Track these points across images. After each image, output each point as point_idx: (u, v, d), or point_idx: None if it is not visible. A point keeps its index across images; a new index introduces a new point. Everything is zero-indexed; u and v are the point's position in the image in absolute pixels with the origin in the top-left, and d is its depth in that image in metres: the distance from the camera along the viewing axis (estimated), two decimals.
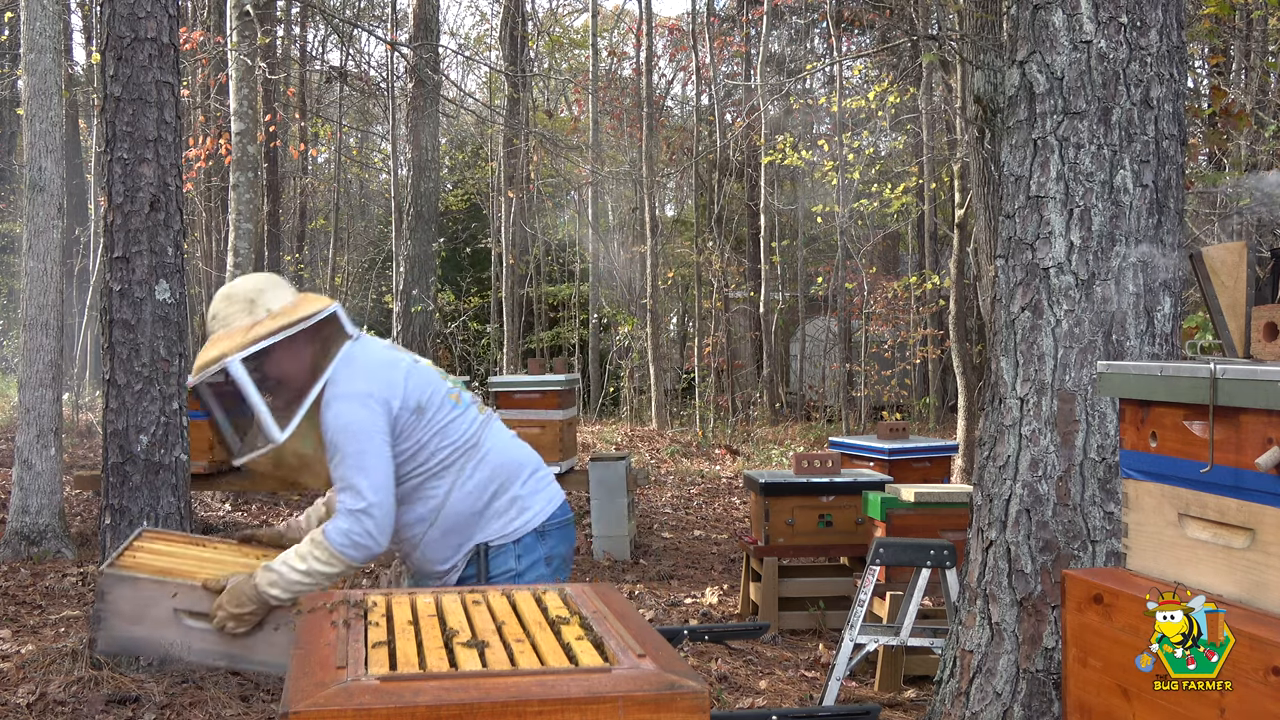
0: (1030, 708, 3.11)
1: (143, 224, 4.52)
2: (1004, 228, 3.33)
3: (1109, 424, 3.12)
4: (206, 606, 2.40)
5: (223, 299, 2.61)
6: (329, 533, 2.47)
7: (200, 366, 2.57)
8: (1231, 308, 1.89)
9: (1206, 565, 1.73)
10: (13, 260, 19.75)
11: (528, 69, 18.34)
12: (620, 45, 22.76)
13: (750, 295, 19.33)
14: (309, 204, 23.67)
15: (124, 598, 2.41)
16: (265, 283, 2.66)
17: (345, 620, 1.75)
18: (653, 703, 1.43)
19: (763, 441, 14.70)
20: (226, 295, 2.62)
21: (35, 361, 6.74)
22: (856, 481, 5.75)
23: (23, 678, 4.32)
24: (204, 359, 2.56)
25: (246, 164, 9.47)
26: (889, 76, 16.05)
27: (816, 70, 19.62)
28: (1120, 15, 3.14)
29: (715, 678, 4.69)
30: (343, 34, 20.62)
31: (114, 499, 4.49)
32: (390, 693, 1.42)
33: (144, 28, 4.50)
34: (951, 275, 10.97)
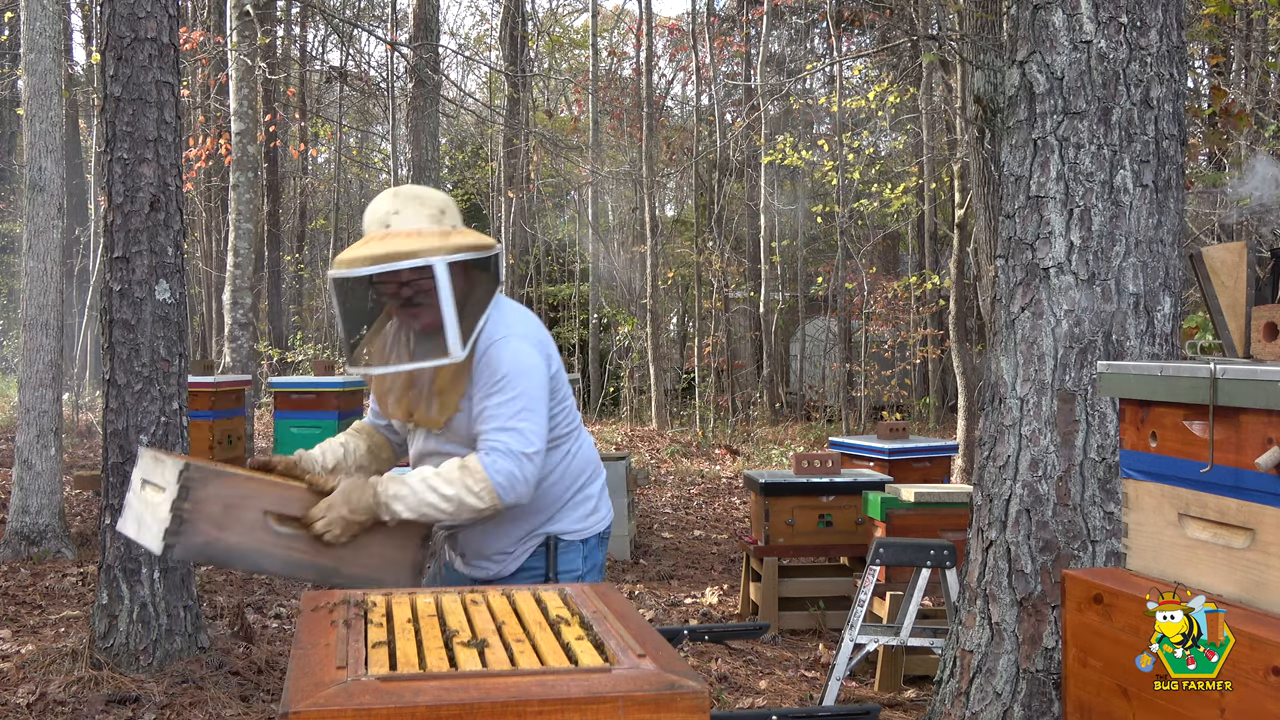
0: (1030, 708, 3.11)
1: (143, 224, 4.52)
2: (1004, 228, 3.33)
3: (1109, 424, 3.12)
4: (298, 511, 2.25)
5: (410, 199, 2.43)
6: (489, 468, 2.33)
7: (393, 255, 2.32)
8: (1231, 308, 1.89)
9: (1206, 565, 1.73)
10: (13, 260, 19.75)
11: (528, 69, 18.34)
12: (620, 45, 22.76)
13: (750, 295, 19.33)
14: (309, 204, 23.67)
15: (212, 497, 2.18)
16: (449, 199, 2.51)
17: (345, 620, 1.75)
18: (653, 703, 1.43)
19: (763, 441, 14.70)
20: (415, 196, 2.44)
21: (35, 361, 6.74)
22: (856, 481, 5.75)
23: (23, 678, 4.32)
24: (396, 249, 2.33)
25: (246, 164, 9.47)
26: (889, 76, 16.05)
27: (816, 70, 19.62)
28: (1120, 15, 3.14)
29: (715, 678, 4.69)
30: (343, 34, 20.62)
31: (114, 499, 4.48)
32: (390, 693, 1.42)
33: (144, 28, 4.50)
34: (951, 275, 10.97)
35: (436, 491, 2.32)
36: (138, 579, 4.44)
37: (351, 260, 2.35)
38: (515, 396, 2.38)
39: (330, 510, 2.26)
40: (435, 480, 2.34)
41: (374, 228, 2.42)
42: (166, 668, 4.38)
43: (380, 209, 2.43)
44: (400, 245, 2.34)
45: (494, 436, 2.38)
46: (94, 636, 4.44)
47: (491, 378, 2.39)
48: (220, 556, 2.23)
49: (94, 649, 4.40)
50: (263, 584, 6.20)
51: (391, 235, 2.37)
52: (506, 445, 2.36)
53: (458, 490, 2.32)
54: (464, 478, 2.33)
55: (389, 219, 2.40)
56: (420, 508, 2.31)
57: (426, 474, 2.35)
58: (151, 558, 4.45)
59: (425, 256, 2.32)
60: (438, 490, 2.32)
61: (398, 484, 2.33)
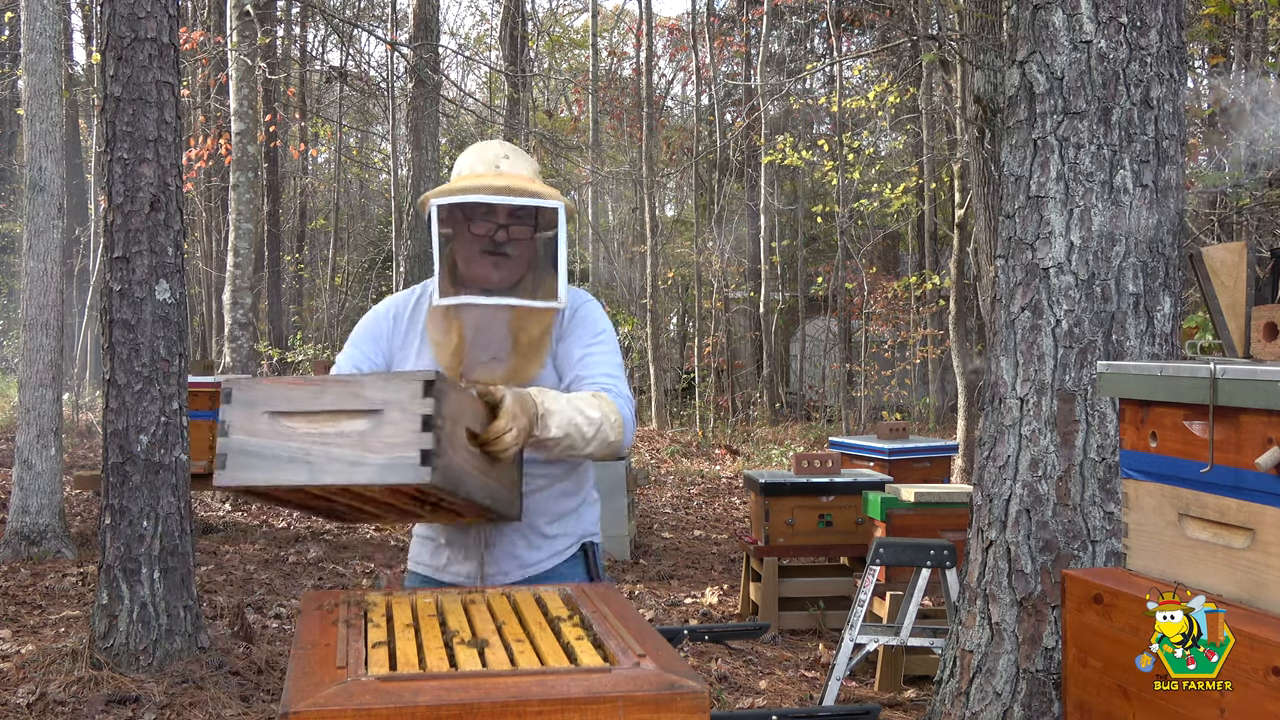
0: (1030, 708, 3.11)
1: (143, 224, 4.52)
2: (1004, 228, 3.33)
3: (1109, 424, 3.12)
4: (479, 425, 1.97)
5: (514, 150, 2.39)
6: (620, 406, 2.23)
7: (522, 190, 2.24)
8: (1231, 308, 1.89)
9: (1206, 565, 1.73)
10: (13, 260, 19.76)
11: (528, 69, 18.34)
12: (620, 45, 22.77)
13: (750, 295, 19.33)
14: (309, 204, 23.67)
15: (448, 414, 1.84)
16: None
17: (345, 620, 1.75)
18: (653, 703, 1.43)
19: (763, 441, 14.70)
20: (516, 150, 2.39)
21: (35, 361, 6.74)
22: (856, 481, 5.75)
23: (23, 678, 4.32)
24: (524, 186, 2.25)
25: (246, 164, 9.47)
26: (889, 76, 16.05)
27: (816, 70, 19.62)
28: (1120, 15, 3.14)
29: (715, 678, 4.69)
30: (343, 34, 20.62)
31: (114, 499, 4.49)
32: (390, 693, 1.42)
33: (144, 28, 4.50)
34: (951, 275, 10.98)
35: (583, 413, 2.14)
36: (138, 579, 4.44)
37: (477, 187, 2.23)
38: (613, 352, 2.35)
39: (514, 422, 1.99)
40: (578, 401, 2.15)
41: (483, 167, 2.34)
42: (166, 668, 4.39)
43: (490, 151, 2.37)
44: (525, 184, 2.26)
45: (606, 381, 2.27)
46: (94, 636, 4.44)
47: (592, 330, 2.35)
48: (459, 483, 1.87)
49: (94, 649, 4.40)
50: (263, 584, 6.21)
51: (502, 174, 2.30)
52: (619, 389, 2.27)
53: (601, 415, 2.16)
54: (602, 406, 2.18)
55: (499, 161, 2.34)
56: (566, 426, 2.10)
57: (565, 394, 2.17)
58: (151, 557, 4.45)
59: (555, 201, 2.24)
60: (583, 411, 2.14)
61: (551, 397, 2.11)
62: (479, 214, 2.27)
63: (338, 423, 1.78)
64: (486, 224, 2.28)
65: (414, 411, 1.76)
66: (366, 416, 1.77)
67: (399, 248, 12.02)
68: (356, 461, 1.76)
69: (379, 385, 1.78)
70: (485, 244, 2.29)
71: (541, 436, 2.07)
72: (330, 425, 1.79)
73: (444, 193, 2.25)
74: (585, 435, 2.13)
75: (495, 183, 2.24)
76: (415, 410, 1.76)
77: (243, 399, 1.80)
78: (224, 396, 1.79)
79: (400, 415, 1.76)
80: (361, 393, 1.78)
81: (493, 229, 2.28)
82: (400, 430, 1.76)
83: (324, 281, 21.29)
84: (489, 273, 2.30)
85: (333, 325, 19.99)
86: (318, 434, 1.79)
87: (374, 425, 1.77)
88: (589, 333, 2.34)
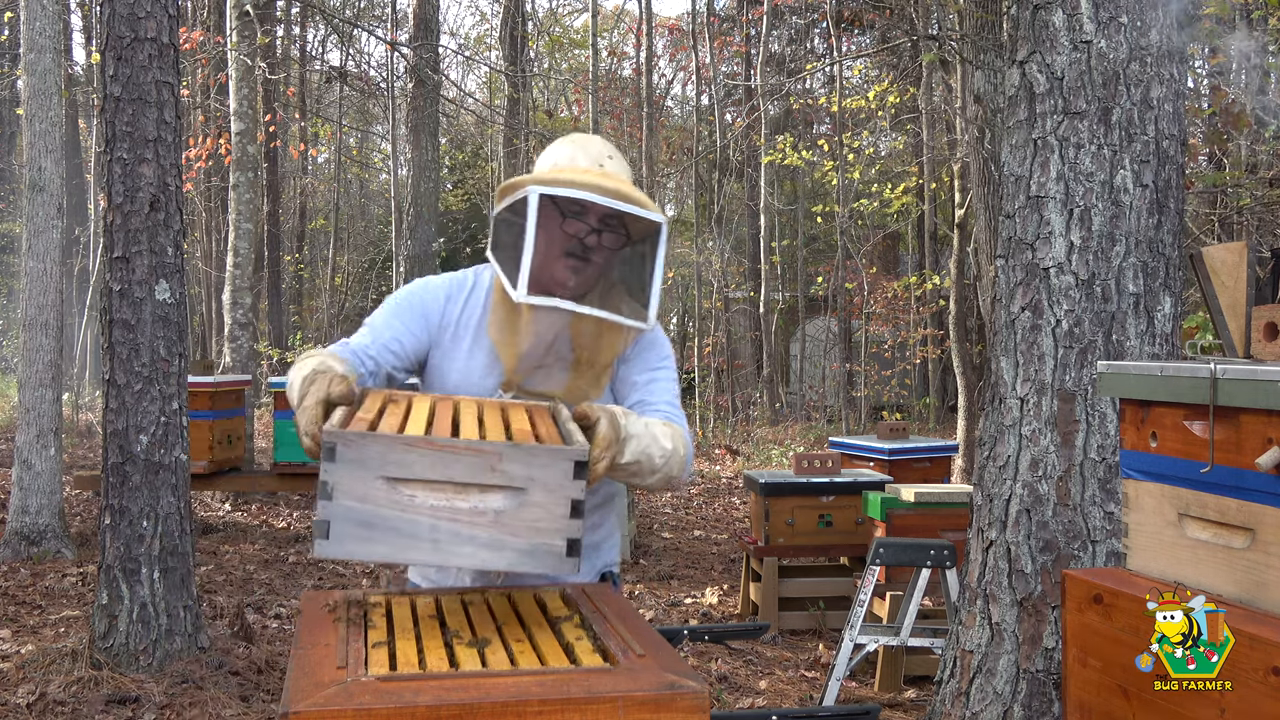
0: (1030, 708, 3.11)
1: (143, 224, 4.52)
2: (1004, 228, 3.33)
3: (1109, 424, 3.12)
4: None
5: (620, 159, 2.20)
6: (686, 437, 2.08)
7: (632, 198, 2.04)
8: (1231, 308, 1.89)
9: (1206, 565, 1.73)
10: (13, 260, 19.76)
11: (528, 69, 18.34)
12: (620, 45, 22.76)
13: (750, 295, 19.34)
14: (309, 204, 23.68)
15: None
16: None
17: (345, 620, 1.75)
18: (653, 703, 1.43)
19: (763, 441, 14.70)
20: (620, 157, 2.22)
21: (35, 361, 6.74)
22: (856, 481, 5.75)
23: (23, 678, 4.32)
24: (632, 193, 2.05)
25: (246, 164, 9.47)
26: (889, 76, 16.05)
27: (816, 70, 19.62)
28: (1120, 15, 3.14)
29: (715, 678, 4.69)
30: (343, 34, 20.62)
31: (114, 499, 4.49)
32: (390, 693, 1.42)
33: (144, 28, 4.50)
34: (951, 275, 10.98)
35: (658, 442, 1.96)
36: (138, 579, 4.44)
37: (588, 184, 2.03)
38: (675, 381, 2.21)
39: (608, 452, 1.82)
40: (655, 429, 1.98)
41: (585, 162, 2.15)
42: (166, 668, 4.38)
43: (593, 147, 2.18)
44: (633, 192, 2.06)
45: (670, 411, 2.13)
46: (94, 636, 4.44)
47: (659, 354, 2.21)
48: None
49: (94, 649, 4.40)
50: (263, 584, 6.21)
51: (610, 175, 2.10)
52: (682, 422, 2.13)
53: (672, 449, 1.99)
54: (675, 439, 2.02)
55: (602, 159, 2.16)
56: (640, 454, 1.93)
57: (643, 418, 2.00)
58: (151, 557, 4.45)
59: (657, 214, 2.05)
60: (659, 441, 1.96)
61: (632, 420, 1.94)
62: (574, 212, 2.09)
63: (468, 496, 1.59)
64: (579, 224, 2.10)
65: (563, 495, 1.60)
66: (504, 492, 1.59)
67: (399, 248, 12.01)
68: (492, 545, 1.59)
69: (521, 459, 1.59)
70: (571, 245, 2.11)
71: (616, 461, 1.88)
72: (461, 499, 1.59)
73: (550, 182, 2.04)
74: (654, 467, 1.98)
75: (605, 183, 2.04)
76: (564, 493, 1.60)
77: (351, 458, 1.56)
78: (326, 452, 1.56)
79: (545, 497, 1.59)
80: (500, 466, 1.58)
81: (585, 231, 2.11)
82: (545, 514, 1.59)
83: (324, 281, 21.30)
84: (565, 276, 2.12)
85: (333, 325, 20.00)
86: (446, 508, 1.59)
87: (514, 505, 1.59)
88: (656, 356, 2.20)
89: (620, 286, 2.18)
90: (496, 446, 1.59)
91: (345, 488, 1.55)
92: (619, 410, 1.92)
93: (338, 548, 1.56)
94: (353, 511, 1.56)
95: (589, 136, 2.23)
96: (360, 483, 1.56)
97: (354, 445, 1.56)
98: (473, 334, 2.18)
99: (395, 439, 1.57)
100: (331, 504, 1.55)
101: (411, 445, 1.57)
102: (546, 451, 1.59)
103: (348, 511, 1.56)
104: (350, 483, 1.55)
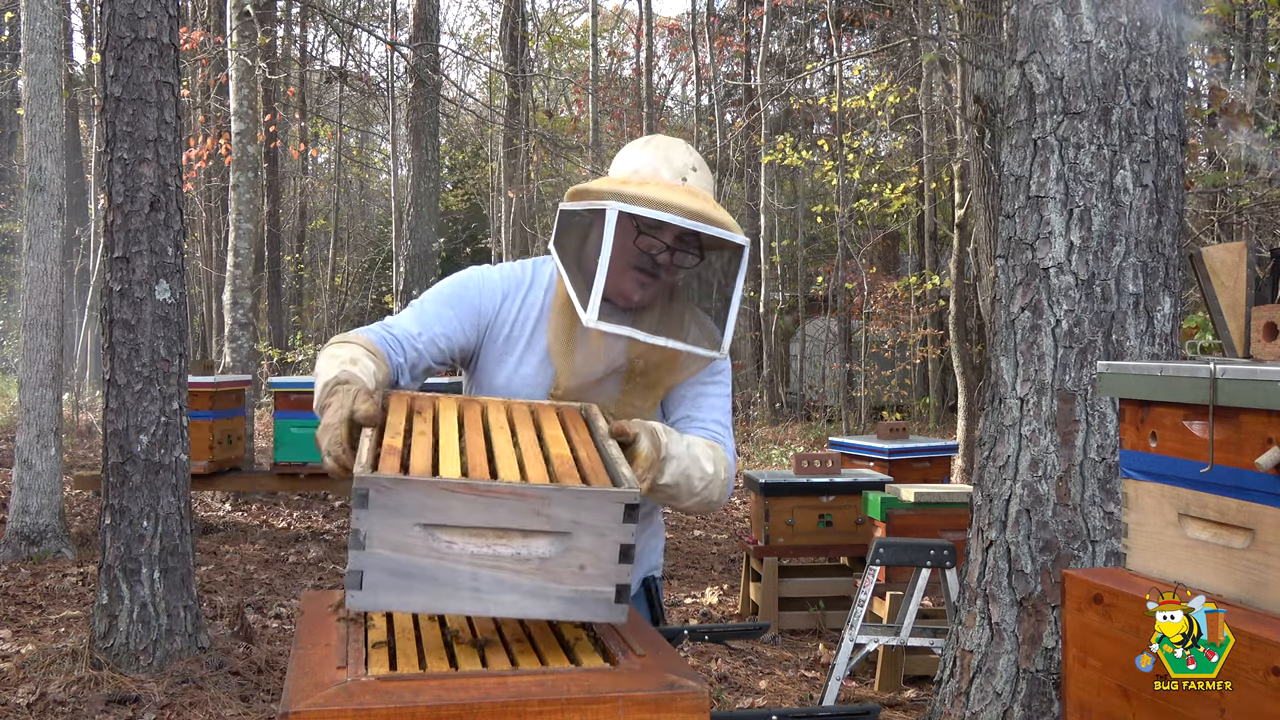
0: (1030, 708, 3.11)
1: (143, 224, 4.52)
2: (1004, 228, 3.33)
3: (1109, 424, 3.12)
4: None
5: (704, 170, 2.08)
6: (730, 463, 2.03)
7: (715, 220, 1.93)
8: (1231, 308, 1.89)
9: (1206, 565, 1.73)
10: (13, 260, 19.76)
11: (528, 69, 18.35)
12: (620, 45, 22.77)
13: (750, 295, 19.34)
14: (309, 204, 23.68)
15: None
16: None
17: (345, 620, 1.75)
18: (653, 703, 1.43)
19: (763, 441, 14.70)
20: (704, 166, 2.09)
21: (35, 361, 6.74)
22: (856, 481, 5.75)
23: (23, 678, 4.32)
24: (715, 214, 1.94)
25: (246, 164, 9.47)
26: (889, 76, 16.05)
27: (816, 70, 19.62)
28: (1120, 15, 3.14)
29: (715, 678, 4.69)
30: (343, 34, 20.62)
31: (114, 499, 4.49)
32: (390, 693, 1.42)
33: (144, 28, 4.50)
34: (951, 275, 10.98)
35: (699, 464, 1.91)
36: (138, 579, 4.44)
37: (670, 204, 1.92)
38: (727, 397, 2.14)
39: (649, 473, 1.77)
40: (698, 449, 1.92)
41: (668, 174, 2.03)
42: (166, 668, 4.39)
43: (677, 157, 2.05)
44: (715, 211, 1.96)
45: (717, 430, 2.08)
46: (94, 636, 4.44)
47: (712, 369, 2.12)
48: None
49: (94, 649, 4.40)
50: (263, 584, 6.21)
51: (694, 193, 1.99)
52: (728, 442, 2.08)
53: (714, 472, 1.94)
54: (717, 460, 1.96)
55: (686, 172, 2.04)
56: (679, 476, 1.87)
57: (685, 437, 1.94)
58: (151, 557, 4.46)
59: (737, 234, 1.95)
60: (700, 463, 1.91)
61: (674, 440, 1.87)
62: (650, 227, 1.98)
63: (511, 542, 1.51)
64: (653, 240, 2.00)
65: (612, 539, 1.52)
66: (549, 537, 1.51)
67: (399, 248, 12.01)
68: (536, 593, 1.51)
69: (568, 502, 1.50)
70: (641, 260, 2.01)
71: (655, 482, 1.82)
72: (503, 545, 1.51)
73: (632, 199, 1.93)
74: (693, 490, 1.92)
75: (689, 203, 1.93)
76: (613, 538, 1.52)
77: (386, 504, 1.47)
78: (358, 499, 1.46)
79: (594, 541, 1.51)
80: (545, 510, 1.50)
81: (659, 248, 2.00)
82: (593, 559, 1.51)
83: (324, 281, 21.30)
84: (632, 290, 2.03)
85: (333, 325, 20.00)
86: (489, 555, 1.50)
87: (559, 550, 1.51)
88: (709, 371, 2.12)
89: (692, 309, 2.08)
90: (541, 490, 1.50)
91: (380, 536, 1.46)
92: (660, 428, 1.84)
93: (371, 599, 1.48)
94: (388, 561, 1.47)
95: (673, 142, 2.10)
96: (395, 530, 1.47)
97: (388, 491, 1.46)
98: (528, 337, 2.10)
99: (433, 483, 1.48)
100: (364, 554, 1.46)
101: (451, 490, 1.48)
102: (595, 495, 1.51)
103: (382, 561, 1.47)
104: (385, 530, 1.46)
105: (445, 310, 2.07)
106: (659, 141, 2.09)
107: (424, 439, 1.68)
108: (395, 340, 2.01)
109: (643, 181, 2.01)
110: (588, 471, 1.62)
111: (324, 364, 1.89)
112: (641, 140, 2.13)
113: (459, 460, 1.61)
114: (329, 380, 1.80)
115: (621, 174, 2.07)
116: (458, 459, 1.62)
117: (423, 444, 1.66)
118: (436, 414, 1.81)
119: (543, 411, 1.88)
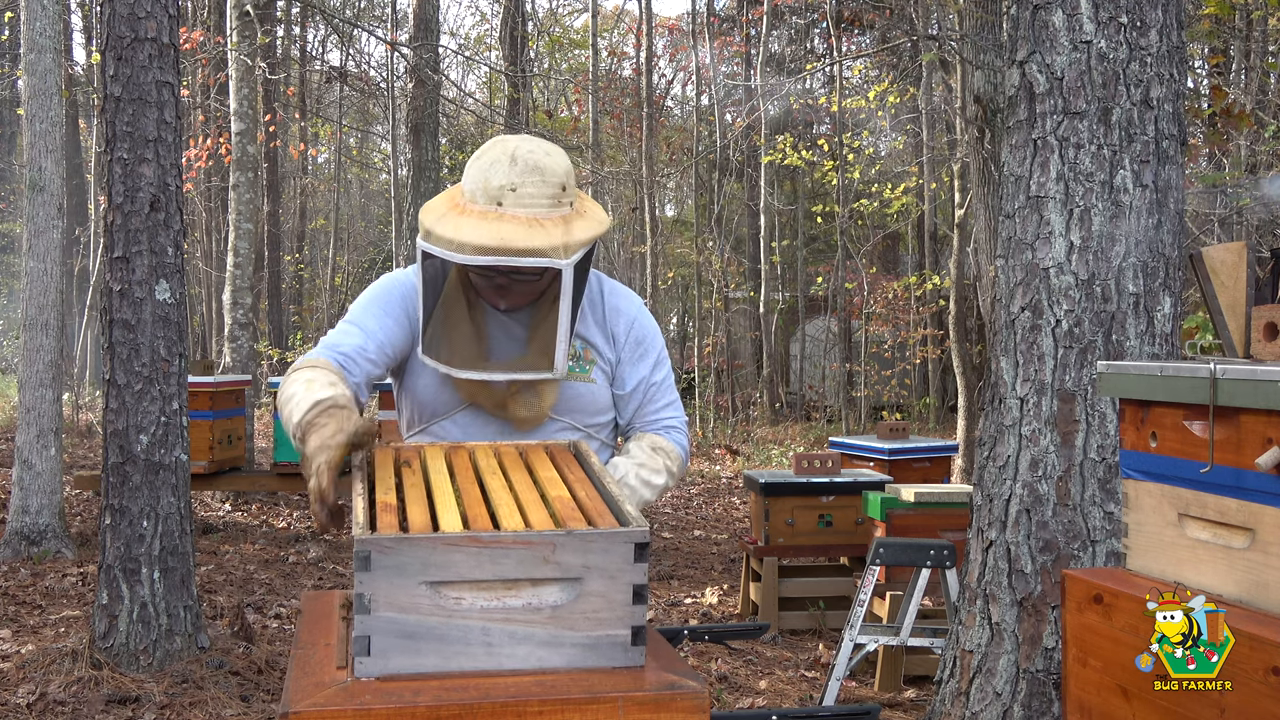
0: (1030, 708, 3.11)
1: (143, 224, 4.52)
2: (1004, 228, 3.33)
3: (1109, 424, 3.12)
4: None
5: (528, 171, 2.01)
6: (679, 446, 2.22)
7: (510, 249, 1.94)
8: (1231, 308, 1.89)
9: (1206, 565, 1.73)
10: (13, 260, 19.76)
11: (528, 69, 18.34)
12: (620, 45, 22.76)
13: (750, 295, 19.34)
14: (309, 204, 23.68)
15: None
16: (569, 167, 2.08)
17: (346, 620, 1.75)
18: (653, 703, 1.43)
19: (763, 441, 14.71)
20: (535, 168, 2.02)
21: (35, 361, 6.74)
22: (856, 481, 5.75)
23: (23, 678, 4.32)
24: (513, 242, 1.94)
25: (246, 164, 9.47)
26: (889, 76, 16.05)
27: (816, 70, 19.62)
28: (1120, 15, 3.14)
29: (715, 678, 4.69)
30: (343, 34, 20.62)
31: (114, 499, 4.49)
32: (390, 693, 1.42)
33: (144, 28, 4.50)
34: (951, 275, 10.98)
35: (649, 485, 2.12)
36: (138, 579, 4.44)
37: (461, 244, 1.94)
38: (670, 372, 2.27)
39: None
40: (645, 472, 2.12)
41: (483, 200, 2.00)
42: (166, 668, 4.39)
43: (496, 178, 2.01)
44: (523, 238, 1.94)
45: (667, 413, 2.24)
46: (94, 636, 4.44)
47: (653, 352, 2.23)
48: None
49: (94, 649, 4.40)
50: (263, 584, 6.21)
51: (506, 220, 1.97)
52: (679, 419, 2.25)
53: (665, 478, 2.16)
54: (665, 462, 2.17)
55: (503, 195, 1.99)
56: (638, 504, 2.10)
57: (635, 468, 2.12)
58: (151, 557, 4.46)
59: (548, 257, 1.95)
60: (650, 483, 2.12)
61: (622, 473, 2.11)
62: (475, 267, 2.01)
63: (520, 593, 1.47)
64: (483, 280, 2.05)
65: (624, 580, 1.48)
66: (559, 584, 1.48)
67: (399, 248, 12.02)
68: (550, 642, 1.47)
69: (576, 547, 1.47)
70: (487, 282, 2.06)
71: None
72: (512, 596, 1.47)
73: (437, 241, 1.98)
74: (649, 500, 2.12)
75: (486, 240, 1.93)
76: (625, 579, 1.48)
77: (389, 565, 1.43)
78: (359, 561, 1.43)
79: (605, 584, 1.48)
80: (554, 557, 1.46)
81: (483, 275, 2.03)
82: (606, 603, 1.48)
83: (324, 281, 21.30)
84: (497, 300, 2.08)
85: (332, 325, 19.97)
86: (499, 608, 1.46)
87: (571, 596, 1.48)
88: (651, 357, 2.22)
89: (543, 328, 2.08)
90: (548, 536, 1.47)
91: (385, 598, 1.43)
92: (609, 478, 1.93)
93: (381, 664, 1.45)
94: (395, 624, 1.44)
95: (497, 158, 2.04)
96: (401, 591, 1.43)
97: (391, 551, 1.43)
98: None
99: (436, 539, 1.45)
100: (370, 618, 1.43)
101: (455, 544, 1.45)
102: (604, 536, 1.48)
103: (389, 624, 1.44)
104: (390, 592, 1.43)
105: (383, 319, 2.12)
106: (489, 156, 2.05)
107: (417, 491, 1.67)
108: (349, 359, 2.06)
109: (462, 210, 2.01)
110: (591, 513, 1.58)
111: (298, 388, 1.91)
112: (484, 147, 2.09)
113: (458, 511, 1.59)
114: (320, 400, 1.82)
115: (455, 194, 2.08)
116: (456, 510, 1.59)
117: (417, 497, 1.64)
118: (425, 464, 1.80)
119: (532, 452, 1.88)
